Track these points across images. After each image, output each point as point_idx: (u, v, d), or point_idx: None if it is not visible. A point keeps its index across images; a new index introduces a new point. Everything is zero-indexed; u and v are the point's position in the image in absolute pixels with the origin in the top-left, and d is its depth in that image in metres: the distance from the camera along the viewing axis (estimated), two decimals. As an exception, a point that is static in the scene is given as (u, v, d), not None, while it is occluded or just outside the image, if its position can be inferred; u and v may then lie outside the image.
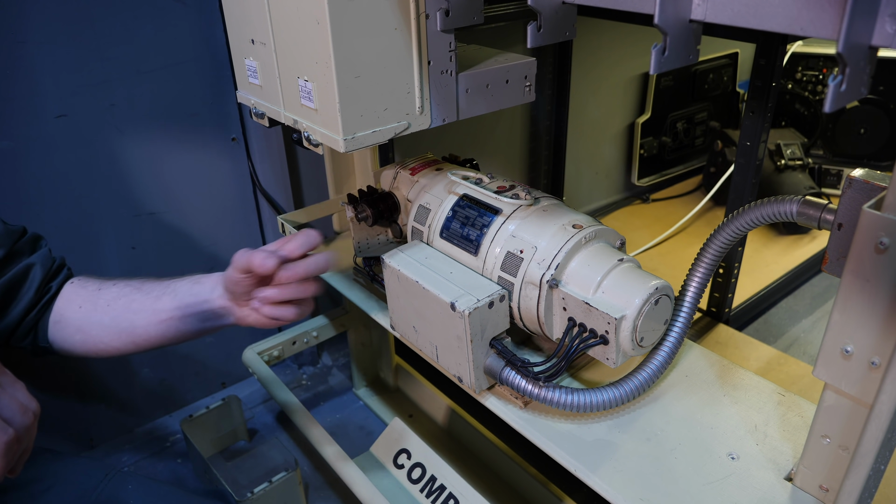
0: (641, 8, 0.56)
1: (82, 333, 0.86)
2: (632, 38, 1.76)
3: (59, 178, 1.27)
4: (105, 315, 0.85)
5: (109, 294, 0.86)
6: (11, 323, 0.85)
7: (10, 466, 0.58)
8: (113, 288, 0.87)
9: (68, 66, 1.20)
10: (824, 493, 0.67)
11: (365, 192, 1.03)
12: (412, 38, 0.81)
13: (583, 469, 0.73)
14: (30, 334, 0.87)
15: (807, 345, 1.46)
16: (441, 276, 0.82)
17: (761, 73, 1.14)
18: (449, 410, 1.48)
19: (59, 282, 0.88)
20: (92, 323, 0.85)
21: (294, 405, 1.28)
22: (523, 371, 0.77)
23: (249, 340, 1.46)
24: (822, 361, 0.61)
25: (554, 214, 0.81)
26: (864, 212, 0.54)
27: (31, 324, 0.86)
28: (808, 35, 0.47)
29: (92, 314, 0.85)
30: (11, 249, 0.85)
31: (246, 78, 0.97)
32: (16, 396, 0.60)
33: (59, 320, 0.87)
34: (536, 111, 1.67)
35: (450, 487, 1.11)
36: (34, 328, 0.87)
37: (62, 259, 0.91)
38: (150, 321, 0.84)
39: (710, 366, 0.88)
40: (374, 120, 0.83)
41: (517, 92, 0.95)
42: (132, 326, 0.84)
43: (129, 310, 0.84)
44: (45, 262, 0.87)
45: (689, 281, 0.81)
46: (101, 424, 1.51)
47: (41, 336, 0.87)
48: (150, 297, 0.85)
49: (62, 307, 0.87)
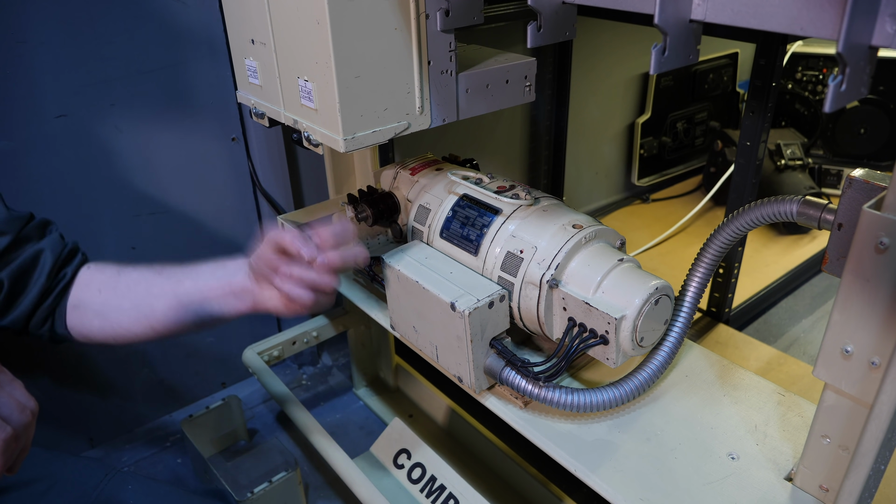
0: (641, 8, 0.56)
1: (101, 318, 0.84)
2: (632, 38, 1.76)
3: (59, 177, 1.27)
4: (125, 299, 0.84)
5: (130, 278, 0.85)
6: (25, 311, 0.83)
7: (8, 464, 0.58)
8: (133, 272, 0.85)
9: (68, 66, 1.20)
10: (824, 493, 0.67)
11: (365, 192, 1.03)
12: (412, 39, 0.81)
13: (583, 469, 0.73)
14: (47, 322, 0.85)
15: (807, 345, 1.46)
16: (441, 276, 0.82)
17: (761, 73, 1.14)
18: (449, 410, 1.48)
19: (75, 267, 0.87)
20: (111, 307, 0.84)
21: (294, 405, 1.27)
22: (523, 371, 0.77)
23: (249, 340, 1.46)
24: (822, 361, 0.61)
25: (554, 214, 0.81)
26: (864, 212, 0.54)
27: (48, 311, 0.84)
28: (808, 35, 0.47)
29: (111, 298, 0.84)
30: (18, 235, 0.83)
31: (246, 78, 0.97)
32: (14, 395, 0.60)
33: (77, 305, 0.85)
34: (536, 111, 1.67)
35: (450, 487, 1.11)
36: (51, 315, 0.85)
37: (75, 244, 0.89)
38: (170, 305, 0.82)
39: (710, 366, 0.88)
40: (374, 120, 0.83)
41: (517, 92, 0.95)
42: (152, 311, 0.83)
43: (149, 294, 0.83)
44: (56, 248, 0.85)
45: (689, 281, 0.81)
46: (101, 424, 1.51)
47: (59, 323, 0.85)
48: (171, 280, 0.83)
49: (80, 292, 0.85)
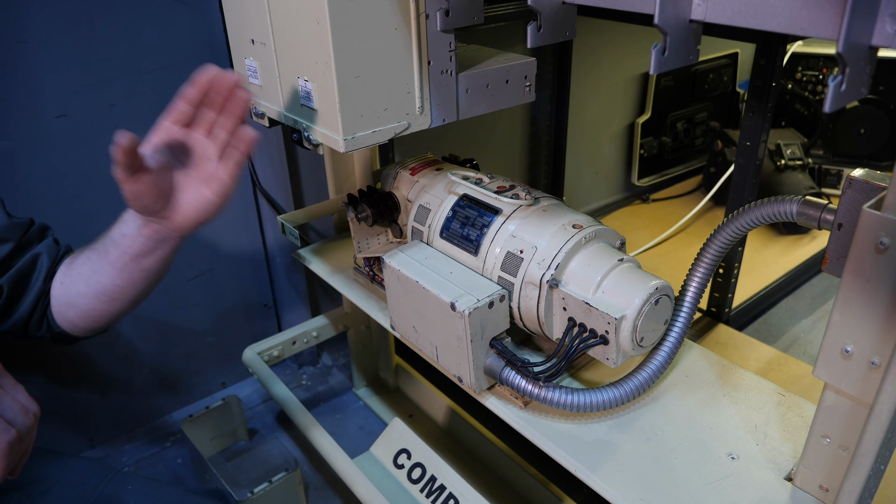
0: (641, 8, 0.56)
1: (73, 307, 0.86)
2: (632, 38, 1.76)
3: (59, 178, 1.27)
4: (81, 284, 0.85)
5: (77, 263, 0.87)
6: (24, 314, 0.86)
7: (11, 467, 0.59)
8: (80, 256, 0.87)
9: (68, 66, 1.20)
10: (824, 493, 0.67)
11: (365, 192, 1.03)
12: (412, 39, 0.81)
13: (583, 469, 0.73)
14: (43, 323, 0.88)
15: (807, 345, 1.46)
16: (441, 276, 0.82)
17: (761, 73, 1.14)
18: (449, 410, 1.48)
19: None
20: (75, 294, 0.86)
21: (294, 405, 1.27)
22: (523, 371, 0.77)
23: (249, 340, 1.46)
24: (822, 361, 0.61)
25: (554, 214, 0.81)
26: (864, 212, 0.54)
27: (42, 312, 0.87)
28: (808, 35, 0.47)
29: (71, 286, 0.86)
30: (20, 242, 0.86)
31: (246, 78, 0.97)
32: (17, 398, 0.61)
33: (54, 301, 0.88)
34: (536, 111, 1.67)
35: (450, 487, 1.11)
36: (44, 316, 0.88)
37: (67, 246, 0.91)
38: (111, 275, 0.83)
39: (710, 366, 0.88)
40: (374, 120, 0.83)
41: (517, 92, 0.95)
42: (102, 286, 0.84)
43: (93, 272, 0.85)
44: (51, 251, 0.88)
45: (689, 281, 0.81)
46: (101, 424, 1.51)
47: (53, 323, 0.88)
48: (100, 253, 0.84)
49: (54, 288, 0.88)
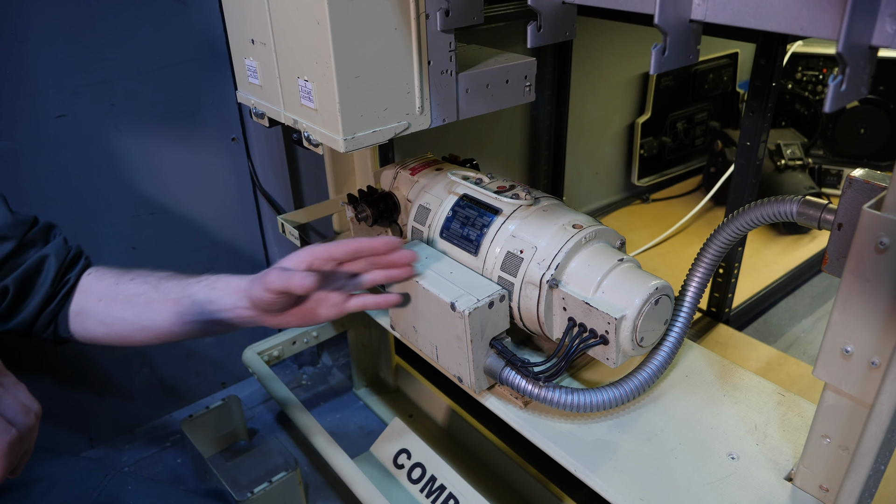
0: (641, 8, 0.56)
1: (105, 327, 0.85)
2: (632, 38, 1.76)
3: (59, 178, 1.27)
4: (126, 311, 0.84)
5: (128, 290, 0.85)
6: (30, 316, 0.84)
7: (12, 466, 0.58)
8: (130, 284, 0.85)
9: (68, 66, 1.20)
10: (824, 493, 0.67)
11: (365, 192, 1.03)
12: (412, 39, 0.81)
13: (583, 469, 0.73)
14: (50, 325, 0.86)
15: (807, 345, 1.46)
16: (441, 276, 0.82)
17: (761, 73, 1.14)
18: (449, 410, 1.48)
19: (78, 272, 0.87)
20: (114, 318, 0.85)
21: (294, 405, 1.27)
22: (523, 371, 0.77)
23: (249, 340, 1.46)
24: (822, 361, 0.61)
25: (554, 214, 0.81)
26: (864, 212, 0.54)
27: (51, 315, 0.85)
28: (808, 35, 0.47)
29: (112, 308, 0.85)
30: (22, 240, 0.84)
31: (246, 78, 0.97)
32: (18, 398, 0.60)
33: (79, 312, 0.86)
34: (536, 111, 1.67)
35: (450, 487, 1.11)
36: (54, 320, 0.86)
37: (78, 248, 0.89)
38: (173, 322, 0.83)
39: (710, 366, 0.88)
40: (374, 120, 0.83)
41: (517, 92, 0.95)
42: (155, 324, 0.83)
43: (149, 308, 0.83)
44: (60, 253, 0.86)
45: (689, 281, 0.81)
46: (101, 424, 1.51)
47: (62, 327, 0.86)
48: (168, 299, 0.83)
49: (81, 299, 0.86)
